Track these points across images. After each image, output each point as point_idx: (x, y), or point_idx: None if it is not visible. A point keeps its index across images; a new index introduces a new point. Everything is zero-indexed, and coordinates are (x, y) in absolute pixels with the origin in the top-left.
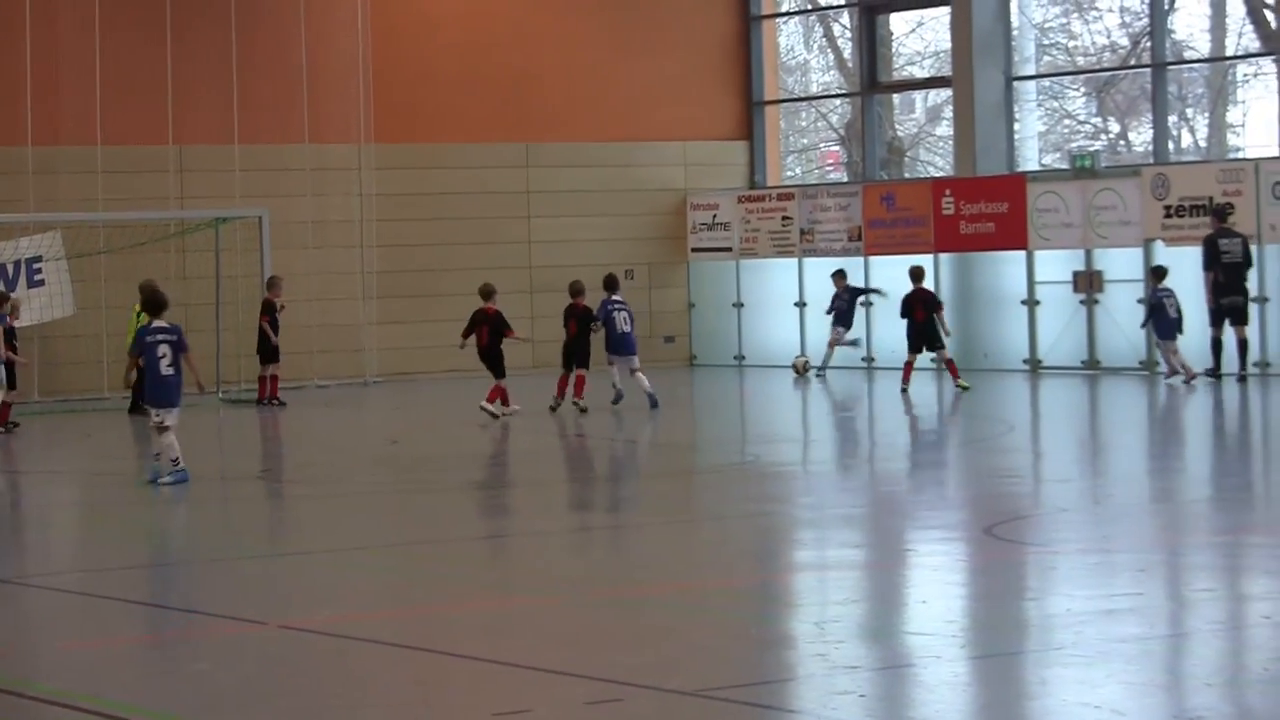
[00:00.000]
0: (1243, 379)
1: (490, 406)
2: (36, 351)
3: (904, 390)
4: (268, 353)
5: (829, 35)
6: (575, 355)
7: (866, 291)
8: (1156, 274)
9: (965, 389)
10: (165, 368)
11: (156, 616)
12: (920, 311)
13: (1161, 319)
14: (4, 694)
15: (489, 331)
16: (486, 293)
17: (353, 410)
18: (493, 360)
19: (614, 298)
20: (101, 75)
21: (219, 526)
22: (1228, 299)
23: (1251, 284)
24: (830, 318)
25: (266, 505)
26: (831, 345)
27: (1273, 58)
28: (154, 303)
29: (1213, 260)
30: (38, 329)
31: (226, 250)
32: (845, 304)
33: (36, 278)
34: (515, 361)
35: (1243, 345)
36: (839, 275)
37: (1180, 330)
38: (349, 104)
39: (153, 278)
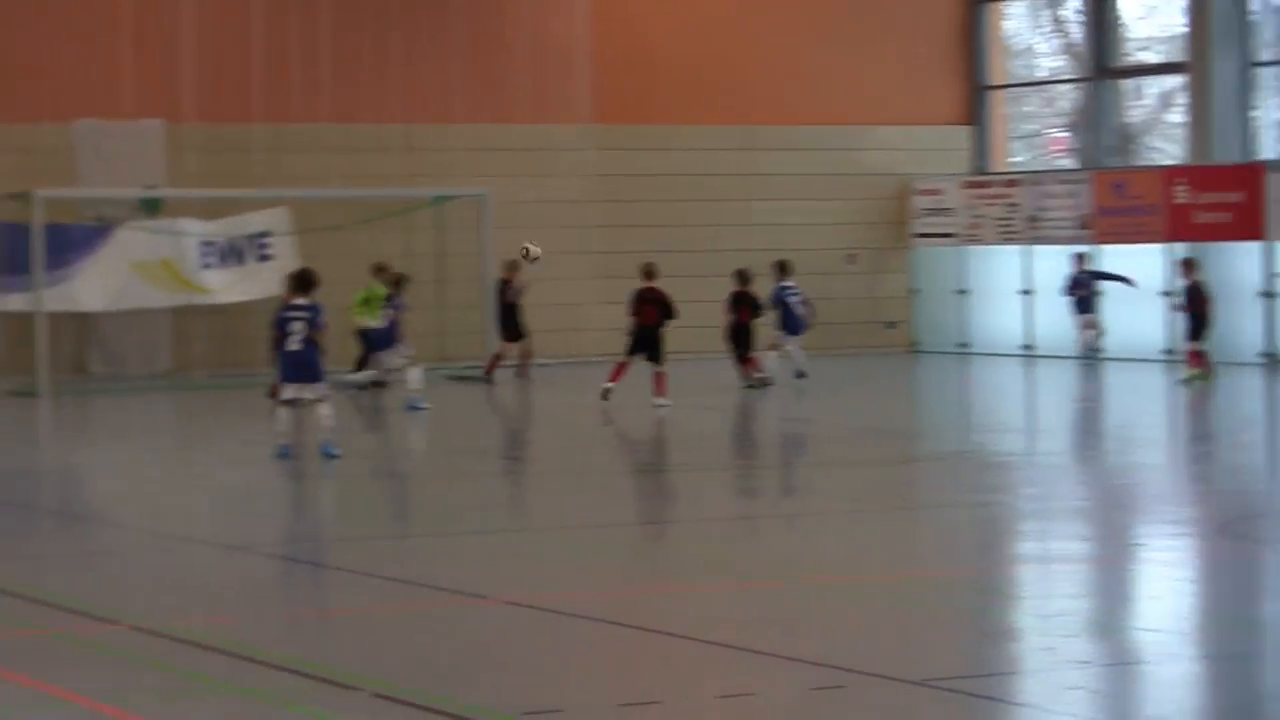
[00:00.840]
0: None
1: (662, 400)
2: (257, 326)
3: (1189, 381)
4: (511, 332)
5: (1058, 19)
6: (745, 340)
7: (1111, 277)
8: None
9: (1195, 380)
10: (294, 344)
11: (383, 588)
12: (1202, 302)
13: None
14: (238, 659)
15: (656, 313)
16: (651, 272)
17: (572, 391)
18: (658, 345)
19: (786, 283)
20: (329, 53)
21: (443, 501)
22: None
23: None
24: (1071, 302)
25: (490, 482)
26: (1087, 331)
27: None
28: (303, 281)
29: None
30: (262, 304)
31: (449, 229)
32: (1086, 288)
33: (264, 253)
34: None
35: None
36: (1081, 258)
37: None
38: (571, 84)
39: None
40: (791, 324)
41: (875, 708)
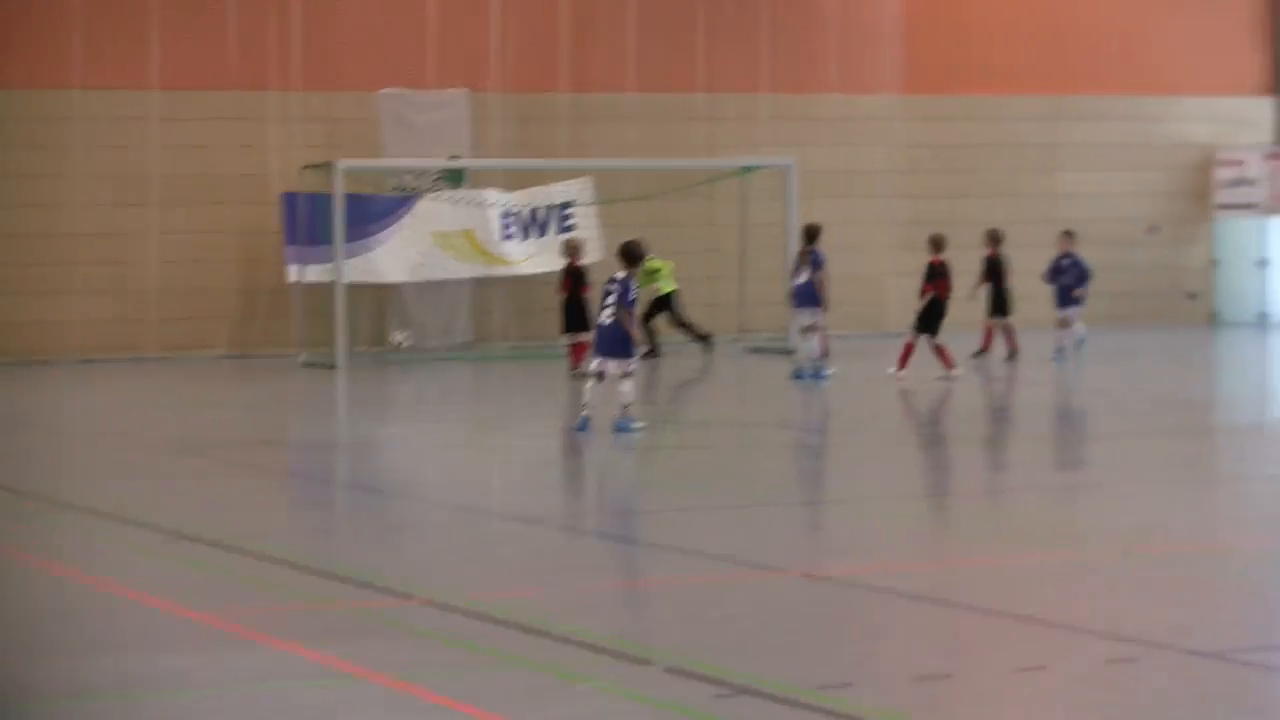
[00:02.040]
0: None
1: (948, 372)
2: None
3: None
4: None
5: None
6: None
7: None
8: None
9: None
10: (606, 317)
11: (680, 561)
12: None
13: None
14: (533, 633)
15: (945, 286)
16: (939, 244)
17: (872, 361)
18: (938, 316)
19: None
20: (634, 23)
21: (742, 474)
22: None
23: None
24: None
25: (787, 454)
26: None
27: None
28: (627, 254)
29: None
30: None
31: (753, 198)
32: None
33: (567, 223)
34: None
35: None
36: None
37: None
38: (881, 54)
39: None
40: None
41: (1169, 681)
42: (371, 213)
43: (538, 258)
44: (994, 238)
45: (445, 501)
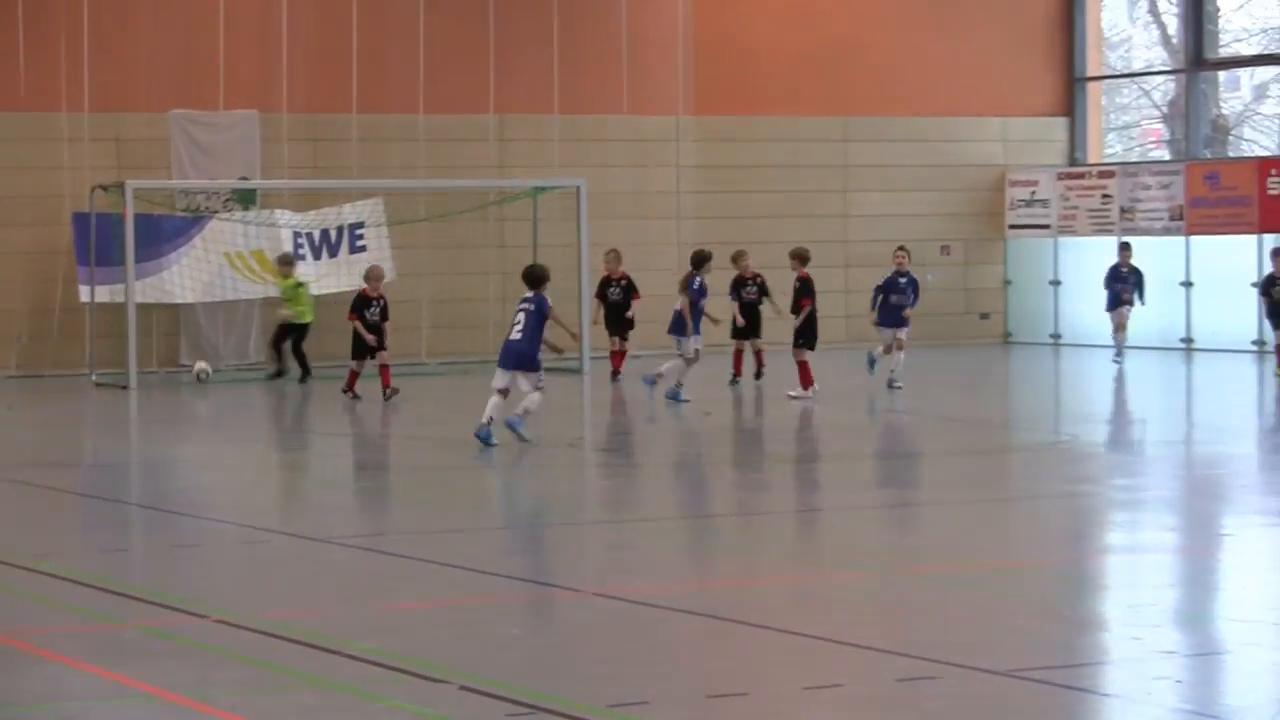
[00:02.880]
0: None
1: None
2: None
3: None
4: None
5: (1154, 10)
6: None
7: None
8: None
9: None
10: (514, 332)
11: (472, 581)
12: None
13: None
14: (322, 651)
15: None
16: (803, 257)
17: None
18: (811, 332)
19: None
20: (424, 44)
21: (539, 493)
22: None
23: None
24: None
25: (582, 474)
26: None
27: None
28: (529, 276)
29: None
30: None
31: (544, 219)
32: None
33: (359, 244)
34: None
35: None
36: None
37: None
38: (669, 75)
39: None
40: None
41: (963, 698)
42: (163, 233)
43: (329, 278)
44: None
45: (237, 520)
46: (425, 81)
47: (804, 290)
